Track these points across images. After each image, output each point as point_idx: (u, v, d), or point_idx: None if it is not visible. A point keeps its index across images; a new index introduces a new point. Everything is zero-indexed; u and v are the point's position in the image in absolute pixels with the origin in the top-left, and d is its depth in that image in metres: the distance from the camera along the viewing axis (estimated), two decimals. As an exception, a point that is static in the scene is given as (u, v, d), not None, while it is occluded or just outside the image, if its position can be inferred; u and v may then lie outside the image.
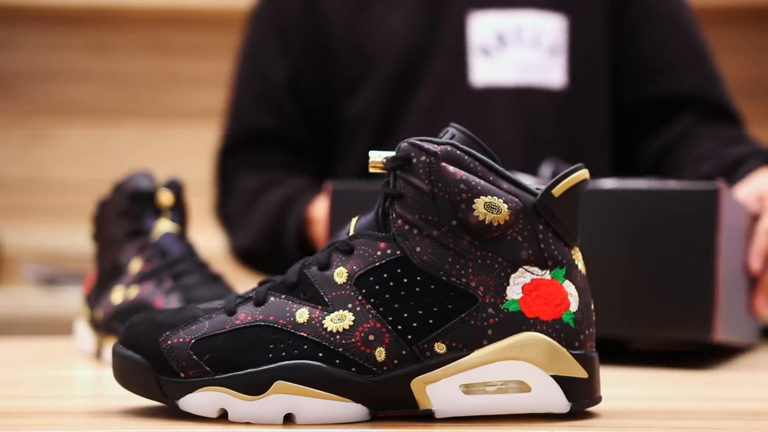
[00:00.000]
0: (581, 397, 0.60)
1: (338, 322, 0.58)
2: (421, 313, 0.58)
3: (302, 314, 0.59)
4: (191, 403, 0.58)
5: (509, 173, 0.59)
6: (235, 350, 0.58)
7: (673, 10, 1.33)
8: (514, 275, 0.59)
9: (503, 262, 0.59)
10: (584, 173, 0.60)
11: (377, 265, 0.59)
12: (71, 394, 0.78)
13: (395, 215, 0.60)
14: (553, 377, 0.59)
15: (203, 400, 0.58)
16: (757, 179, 1.09)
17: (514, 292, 0.59)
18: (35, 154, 2.31)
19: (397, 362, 0.58)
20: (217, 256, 1.14)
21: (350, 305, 0.59)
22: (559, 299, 0.59)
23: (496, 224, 0.58)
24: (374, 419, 0.59)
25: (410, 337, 0.58)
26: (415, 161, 0.59)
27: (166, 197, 0.96)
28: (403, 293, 0.58)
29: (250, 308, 0.60)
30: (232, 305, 0.60)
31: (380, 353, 0.58)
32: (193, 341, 0.59)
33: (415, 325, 0.58)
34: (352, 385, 0.58)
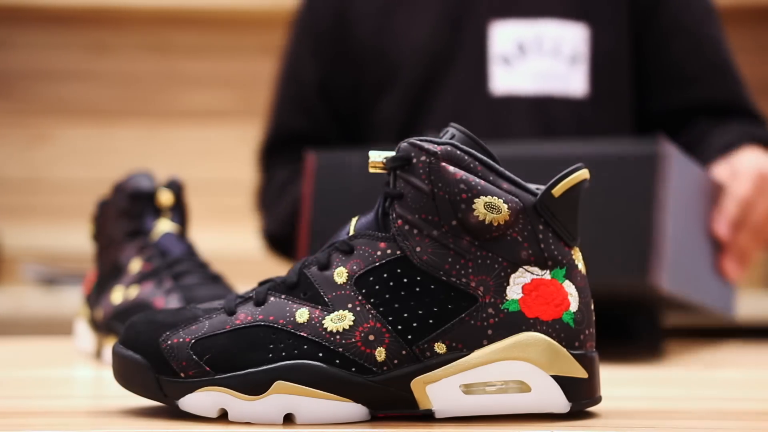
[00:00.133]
0: (581, 397, 0.60)
1: (338, 322, 0.58)
2: (421, 313, 0.58)
3: (302, 314, 0.59)
4: (191, 403, 0.58)
5: (509, 173, 0.59)
6: (235, 350, 0.58)
7: (700, 19, 1.33)
8: (514, 275, 0.59)
9: (503, 262, 0.59)
10: (584, 173, 0.60)
11: (377, 265, 0.59)
12: (71, 394, 0.78)
13: (395, 215, 0.60)
14: (553, 377, 0.59)
15: (203, 400, 0.58)
16: (737, 156, 1.17)
17: (514, 292, 0.59)
18: (35, 154, 2.31)
19: (397, 362, 0.58)
20: (217, 256, 1.14)
21: (350, 305, 0.59)
22: (559, 299, 0.59)
23: (496, 224, 0.58)
24: (374, 419, 0.59)
25: (410, 337, 0.58)
26: (415, 161, 0.59)
27: (166, 197, 0.96)
28: (403, 293, 0.58)
29: (250, 308, 0.60)
30: (232, 305, 0.60)
31: (380, 353, 0.58)
32: (193, 341, 0.59)
33: (415, 325, 0.58)
34: (352, 385, 0.58)
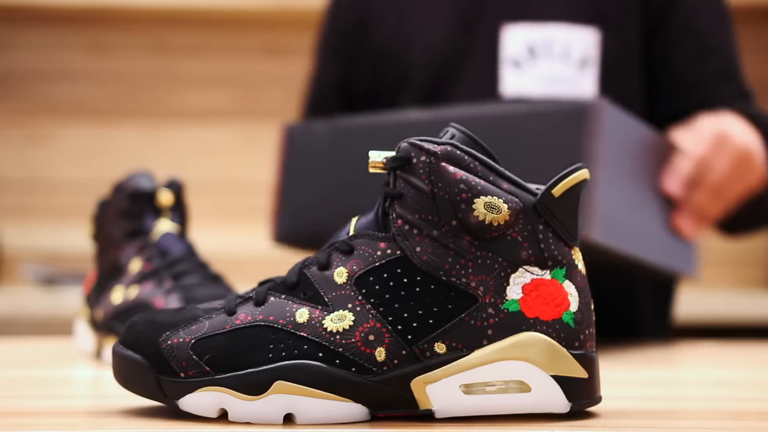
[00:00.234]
0: (581, 397, 0.60)
1: (338, 322, 0.58)
2: (421, 313, 0.58)
3: (302, 314, 0.59)
4: (191, 403, 0.58)
5: (509, 173, 0.59)
6: (235, 350, 0.58)
7: (712, 24, 1.34)
8: (514, 275, 0.59)
9: (503, 262, 0.59)
10: (584, 173, 0.60)
11: (377, 265, 0.59)
12: (71, 394, 0.78)
13: (395, 215, 0.60)
14: (553, 377, 0.59)
15: (203, 400, 0.58)
16: (700, 119, 1.22)
17: (514, 292, 0.59)
18: (35, 154, 2.31)
19: (397, 362, 0.58)
20: (217, 256, 1.14)
21: (350, 305, 0.59)
22: (559, 299, 0.59)
23: (496, 224, 0.58)
24: (374, 419, 0.59)
25: (410, 337, 0.58)
26: (415, 161, 0.59)
27: (166, 197, 0.96)
28: (403, 293, 0.58)
29: (250, 308, 0.60)
30: (232, 305, 0.60)
31: (380, 353, 0.58)
32: (193, 341, 0.59)
33: (415, 325, 0.58)
34: (352, 385, 0.58)
